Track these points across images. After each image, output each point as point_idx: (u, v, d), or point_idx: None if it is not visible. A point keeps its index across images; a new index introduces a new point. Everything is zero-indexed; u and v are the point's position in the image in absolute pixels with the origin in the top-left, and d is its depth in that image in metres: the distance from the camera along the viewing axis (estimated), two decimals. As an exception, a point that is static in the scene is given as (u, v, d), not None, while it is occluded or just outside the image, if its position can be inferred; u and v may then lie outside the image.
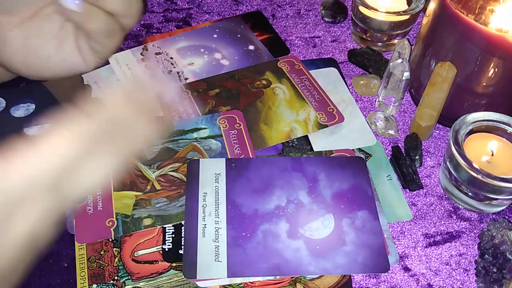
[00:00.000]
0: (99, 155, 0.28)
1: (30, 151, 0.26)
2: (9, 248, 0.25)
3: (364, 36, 0.55)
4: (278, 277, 0.36)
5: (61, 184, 0.26)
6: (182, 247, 0.38)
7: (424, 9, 0.53)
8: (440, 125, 0.48)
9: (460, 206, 0.42)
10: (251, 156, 0.43)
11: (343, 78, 0.52)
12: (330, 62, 0.53)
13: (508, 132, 0.41)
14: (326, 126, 0.46)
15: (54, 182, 0.26)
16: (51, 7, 0.41)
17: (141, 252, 0.38)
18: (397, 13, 0.51)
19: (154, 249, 0.38)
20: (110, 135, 0.28)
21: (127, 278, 0.36)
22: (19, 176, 0.25)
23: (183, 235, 0.38)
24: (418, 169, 0.44)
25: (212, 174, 0.41)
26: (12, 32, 0.40)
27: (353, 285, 0.37)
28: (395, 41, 0.54)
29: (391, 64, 0.46)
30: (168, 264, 0.37)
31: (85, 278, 0.36)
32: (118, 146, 0.29)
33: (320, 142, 0.45)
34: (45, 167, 0.25)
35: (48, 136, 0.26)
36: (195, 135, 0.45)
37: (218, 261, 0.36)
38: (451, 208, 0.42)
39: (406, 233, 0.40)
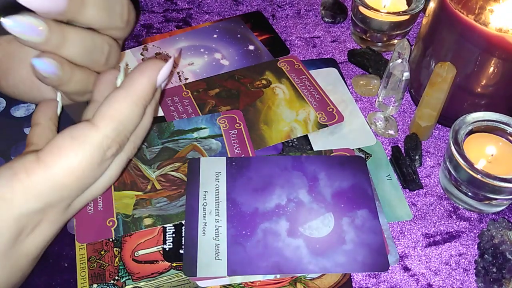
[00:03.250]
0: None
1: None
2: None
3: (364, 36, 0.55)
4: (278, 276, 0.36)
5: None
6: (183, 246, 0.38)
7: (424, 9, 0.54)
8: (440, 125, 0.48)
9: (460, 206, 0.42)
10: (251, 156, 0.43)
11: (343, 78, 0.52)
12: (330, 62, 0.53)
13: (508, 132, 0.41)
14: (326, 126, 0.46)
15: None
16: None
17: (141, 252, 0.38)
18: (397, 13, 0.52)
19: (154, 249, 0.38)
20: None
21: (127, 278, 0.36)
22: None
23: (183, 234, 0.38)
24: (418, 169, 0.44)
25: (213, 172, 0.41)
26: (19, 67, 0.37)
27: (353, 285, 0.37)
28: (395, 41, 0.54)
29: (391, 64, 0.46)
30: (169, 264, 0.37)
31: (85, 278, 0.36)
32: None
33: (320, 141, 0.45)
34: None
35: None
36: (195, 134, 0.45)
37: (218, 259, 0.36)
38: (451, 208, 0.42)
39: (406, 233, 0.40)
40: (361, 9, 0.53)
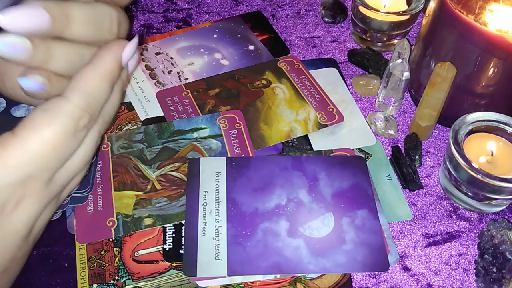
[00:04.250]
0: None
1: None
2: None
3: (364, 36, 0.55)
4: (278, 276, 0.36)
5: None
6: (183, 246, 0.38)
7: (424, 9, 0.54)
8: (440, 125, 0.48)
9: (460, 206, 0.42)
10: (251, 156, 0.43)
11: (343, 78, 0.52)
12: (330, 62, 0.53)
13: (508, 132, 0.41)
14: (326, 125, 0.46)
15: None
16: None
17: (141, 252, 0.38)
18: (397, 13, 0.52)
19: (154, 249, 0.38)
20: None
21: (127, 278, 0.36)
22: None
23: (183, 234, 0.38)
24: (418, 169, 0.44)
25: (213, 172, 0.41)
26: (14, 69, 0.39)
27: (353, 285, 0.37)
28: (395, 41, 0.54)
29: (391, 64, 0.46)
30: (169, 264, 0.37)
31: (85, 278, 0.36)
32: None
33: (320, 141, 0.45)
34: None
35: None
36: (195, 134, 0.45)
37: (218, 259, 0.36)
38: (451, 208, 0.42)
39: (406, 233, 0.40)
40: (361, 9, 0.53)
